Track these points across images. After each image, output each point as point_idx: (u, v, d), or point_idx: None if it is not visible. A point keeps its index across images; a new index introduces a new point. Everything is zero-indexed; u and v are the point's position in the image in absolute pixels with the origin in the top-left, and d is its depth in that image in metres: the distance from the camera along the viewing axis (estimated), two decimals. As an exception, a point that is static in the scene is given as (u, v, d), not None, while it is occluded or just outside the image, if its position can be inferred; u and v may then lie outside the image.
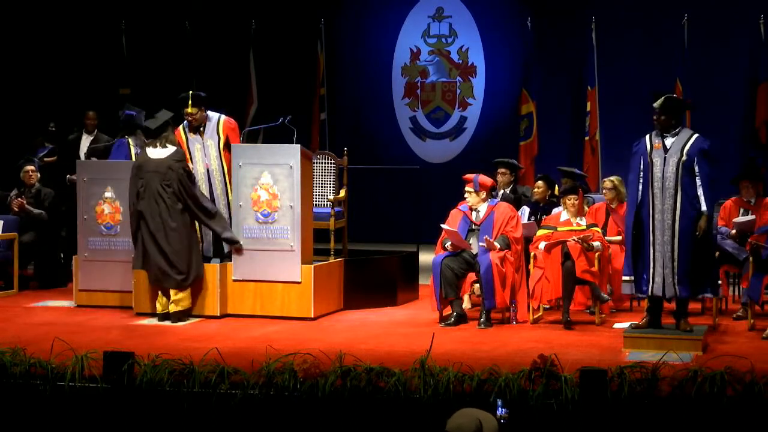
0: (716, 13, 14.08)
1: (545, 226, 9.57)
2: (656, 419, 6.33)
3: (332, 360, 6.83)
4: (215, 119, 9.86)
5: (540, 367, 6.55)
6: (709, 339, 8.39)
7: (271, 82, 15.43)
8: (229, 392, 6.70)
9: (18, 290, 10.96)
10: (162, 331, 8.92)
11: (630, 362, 6.94)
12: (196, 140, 9.85)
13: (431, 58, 15.64)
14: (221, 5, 15.85)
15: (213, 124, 9.84)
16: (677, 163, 8.17)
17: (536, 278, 9.24)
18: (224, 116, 9.92)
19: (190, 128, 9.84)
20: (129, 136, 10.51)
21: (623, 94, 14.18)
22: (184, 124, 9.87)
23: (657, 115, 8.27)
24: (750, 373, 6.48)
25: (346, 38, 15.79)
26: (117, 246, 10.06)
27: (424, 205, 13.20)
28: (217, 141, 9.82)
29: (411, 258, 10.90)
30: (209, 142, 9.82)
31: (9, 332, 8.62)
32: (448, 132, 15.59)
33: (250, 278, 9.57)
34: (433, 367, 6.64)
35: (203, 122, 9.81)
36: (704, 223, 8.14)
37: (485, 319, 9.16)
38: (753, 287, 8.98)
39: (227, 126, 9.84)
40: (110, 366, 6.78)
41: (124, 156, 10.37)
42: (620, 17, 14.50)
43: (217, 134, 9.83)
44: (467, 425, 5.23)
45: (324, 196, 10.44)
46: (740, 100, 13.79)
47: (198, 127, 9.82)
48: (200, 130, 9.83)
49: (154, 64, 15.55)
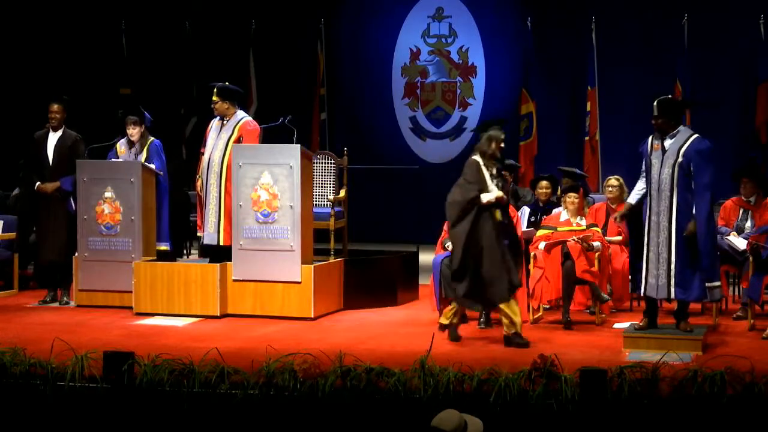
0: (716, 13, 14.07)
1: (545, 226, 9.57)
2: (656, 419, 6.33)
3: (332, 360, 6.84)
4: (239, 117, 9.96)
5: (540, 367, 6.55)
6: (709, 339, 8.39)
7: (271, 82, 15.43)
8: (229, 392, 6.70)
9: (18, 290, 10.97)
10: (162, 331, 8.92)
11: (630, 362, 6.94)
12: (215, 129, 9.97)
13: (431, 58, 15.64)
14: (221, 5, 15.85)
15: (234, 120, 9.94)
16: (673, 165, 8.15)
17: (536, 278, 9.24)
18: (248, 117, 10.06)
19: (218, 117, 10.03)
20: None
21: (623, 94, 14.18)
22: None
23: (654, 119, 8.27)
24: (750, 373, 6.48)
25: (346, 38, 15.79)
26: (117, 246, 10.05)
27: (424, 205, 13.20)
28: (228, 136, 9.85)
29: (411, 258, 10.90)
30: (224, 135, 9.88)
31: (9, 332, 8.62)
32: (448, 132, 15.59)
33: (250, 278, 9.57)
34: (433, 367, 6.64)
35: (226, 114, 9.93)
36: (692, 227, 8.12)
37: (485, 319, 9.16)
38: (753, 287, 8.98)
39: (244, 126, 9.90)
40: (110, 366, 6.78)
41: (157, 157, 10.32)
42: (620, 17, 14.49)
43: (233, 131, 9.87)
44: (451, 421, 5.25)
45: (324, 196, 10.44)
46: (740, 100, 13.78)
47: (222, 118, 9.96)
48: (224, 122, 9.95)
49: (154, 64, 15.56)
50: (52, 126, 10.33)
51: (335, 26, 15.66)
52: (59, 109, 10.31)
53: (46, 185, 10.22)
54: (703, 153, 8.18)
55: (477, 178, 8.34)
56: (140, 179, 10.02)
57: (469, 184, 8.33)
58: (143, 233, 10.02)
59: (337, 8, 15.76)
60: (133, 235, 10.01)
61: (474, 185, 8.31)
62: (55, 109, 10.30)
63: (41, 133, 10.42)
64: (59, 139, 10.32)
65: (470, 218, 8.26)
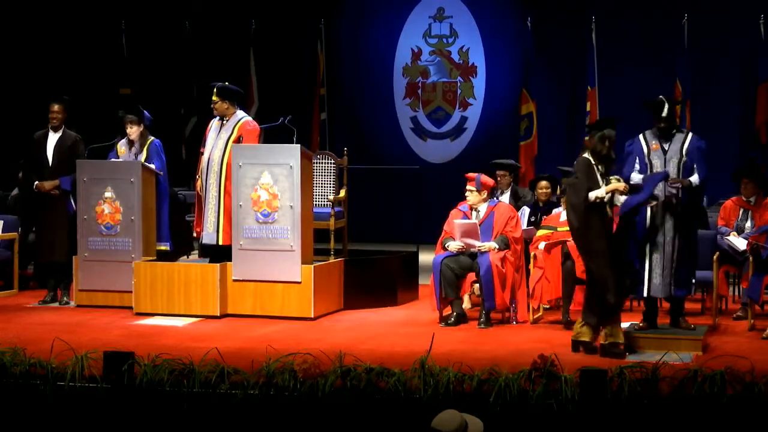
0: (716, 13, 14.08)
1: (545, 226, 9.57)
2: (656, 419, 6.33)
3: (332, 360, 6.83)
4: (238, 117, 9.95)
5: (540, 367, 6.55)
6: (709, 339, 8.39)
7: (271, 82, 15.44)
8: (229, 392, 6.70)
9: (18, 290, 10.96)
10: (162, 331, 8.92)
11: (630, 362, 6.94)
12: (215, 129, 9.96)
13: (432, 59, 15.65)
14: (221, 5, 15.86)
15: (234, 120, 9.92)
16: (678, 164, 8.19)
17: (536, 278, 9.24)
18: (248, 117, 10.05)
19: (218, 117, 10.02)
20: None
21: (623, 94, 14.17)
22: None
23: (664, 120, 8.24)
24: (750, 373, 6.48)
25: (346, 38, 15.80)
26: (117, 246, 10.05)
27: (424, 205, 13.21)
28: (228, 136, 9.85)
29: (411, 258, 10.90)
30: (224, 134, 9.87)
31: (9, 332, 8.61)
32: (449, 132, 15.60)
33: (250, 278, 9.57)
34: (433, 367, 6.63)
35: (226, 114, 9.92)
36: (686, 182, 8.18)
37: (485, 319, 9.16)
38: (753, 287, 8.98)
39: (244, 126, 9.89)
40: (110, 366, 6.77)
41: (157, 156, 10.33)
42: (620, 17, 14.51)
43: (232, 130, 9.87)
44: (451, 422, 5.25)
45: (324, 196, 10.43)
46: (740, 100, 13.78)
47: (222, 118, 9.95)
48: (223, 122, 9.94)
49: (154, 64, 15.57)
50: (52, 126, 10.27)
51: (335, 26, 15.67)
52: (60, 109, 10.27)
53: (44, 183, 10.20)
54: (702, 150, 8.33)
55: (588, 176, 7.95)
56: (140, 179, 10.02)
57: (581, 182, 7.96)
58: (143, 233, 10.02)
59: (337, 8, 15.76)
60: (133, 235, 10.01)
61: (585, 184, 7.93)
62: (56, 110, 10.25)
63: (41, 134, 10.36)
64: (59, 139, 10.27)
65: (585, 218, 7.89)
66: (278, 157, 9.54)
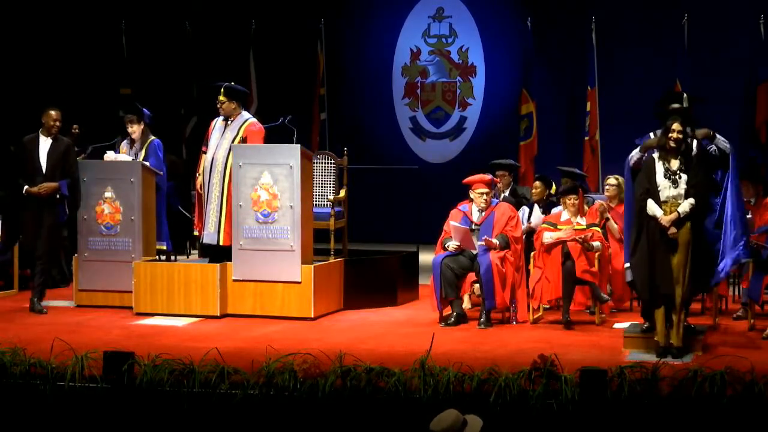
0: (716, 13, 14.08)
1: (547, 222, 9.57)
2: (656, 419, 6.33)
3: (332, 360, 6.83)
4: (244, 118, 9.97)
5: (540, 367, 6.55)
6: (709, 339, 8.39)
7: (271, 82, 15.43)
8: (229, 392, 6.70)
9: (18, 290, 10.96)
10: (162, 331, 8.93)
11: (630, 362, 6.95)
12: (219, 129, 9.97)
13: (431, 58, 15.65)
14: (221, 5, 15.86)
15: (240, 121, 9.94)
16: None
17: (536, 278, 9.25)
18: (253, 119, 10.05)
19: (223, 117, 10.02)
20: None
21: (623, 94, 14.18)
22: None
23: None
24: (750, 373, 6.48)
25: (346, 38, 15.80)
26: (117, 246, 10.05)
27: (424, 205, 13.20)
28: (233, 136, 9.85)
29: (411, 258, 10.90)
30: (228, 135, 9.88)
31: (9, 332, 8.61)
32: (448, 132, 15.60)
33: (250, 278, 9.58)
34: (433, 367, 6.64)
35: (232, 115, 9.92)
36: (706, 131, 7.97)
37: (485, 319, 9.16)
38: (753, 287, 8.99)
39: (249, 127, 9.90)
40: (110, 366, 6.78)
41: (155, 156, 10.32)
42: (620, 17, 14.50)
43: (237, 131, 9.87)
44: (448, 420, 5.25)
45: (324, 196, 10.44)
46: (740, 100, 13.78)
47: (227, 118, 9.95)
48: (228, 122, 9.94)
49: (154, 64, 15.56)
50: (52, 133, 9.92)
51: (335, 26, 15.66)
52: (60, 116, 9.96)
53: (42, 186, 9.80)
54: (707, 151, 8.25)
55: (647, 173, 7.72)
56: (140, 179, 10.03)
57: (640, 179, 7.78)
58: (143, 233, 10.03)
59: (337, 8, 15.75)
60: (133, 235, 10.01)
61: (644, 181, 7.76)
62: (56, 117, 9.92)
63: (31, 137, 9.98)
64: (52, 144, 9.91)
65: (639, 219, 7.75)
66: (278, 157, 9.55)
